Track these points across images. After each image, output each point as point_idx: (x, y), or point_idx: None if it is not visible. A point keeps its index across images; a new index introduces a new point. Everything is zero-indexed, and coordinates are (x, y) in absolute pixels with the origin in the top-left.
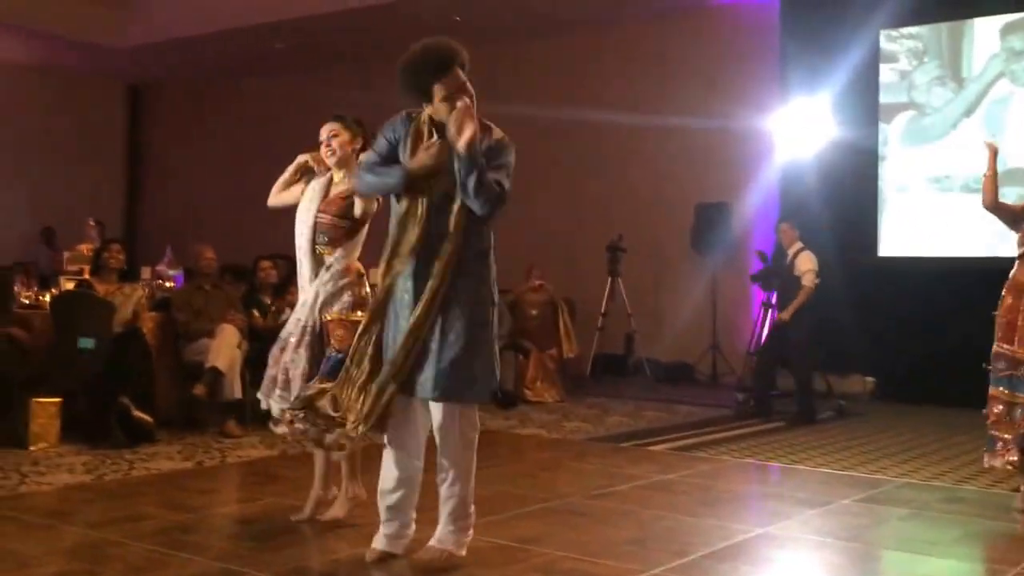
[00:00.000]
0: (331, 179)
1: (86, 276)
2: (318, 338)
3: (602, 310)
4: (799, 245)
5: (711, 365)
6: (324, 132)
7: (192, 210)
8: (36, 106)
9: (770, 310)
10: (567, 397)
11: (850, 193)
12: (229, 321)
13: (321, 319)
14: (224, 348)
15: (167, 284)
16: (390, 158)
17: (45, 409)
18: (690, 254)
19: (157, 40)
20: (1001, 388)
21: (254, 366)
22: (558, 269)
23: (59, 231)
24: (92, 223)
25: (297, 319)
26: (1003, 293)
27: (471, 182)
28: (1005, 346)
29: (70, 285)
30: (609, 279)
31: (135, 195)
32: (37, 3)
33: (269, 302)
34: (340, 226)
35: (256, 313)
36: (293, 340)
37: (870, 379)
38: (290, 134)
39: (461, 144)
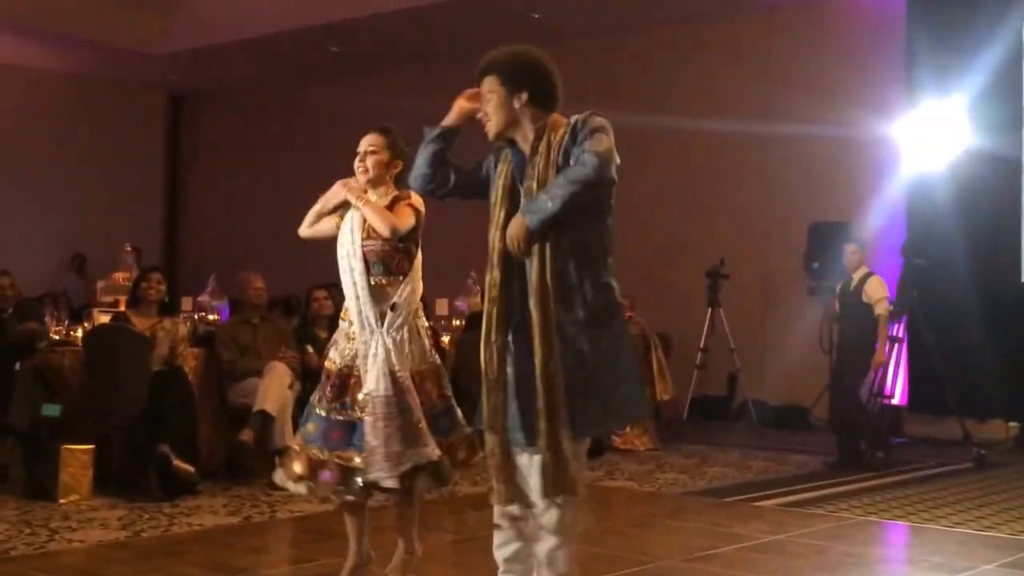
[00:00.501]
0: (367, 202)
1: (122, 308)
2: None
3: (701, 345)
4: (865, 269)
5: (828, 408)
6: (363, 144)
7: (239, 234)
8: (65, 117)
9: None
10: (661, 445)
11: (989, 209)
12: (280, 359)
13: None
14: (274, 389)
15: (210, 317)
16: (475, 170)
17: (76, 457)
18: (803, 280)
19: (200, 45)
20: None
21: None
22: (650, 299)
23: (91, 257)
24: (128, 249)
25: (388, 374)
26: None
27: (566, 208)
28: None
29: (104, 318)
30: (709, 310)
31: (175, 216)
32: (66, 6)
33: (324, 336)
34: (393, 249)
35: (310, 349)
36: (405, 385)
37: (1013, 424)
38: (349, 147)
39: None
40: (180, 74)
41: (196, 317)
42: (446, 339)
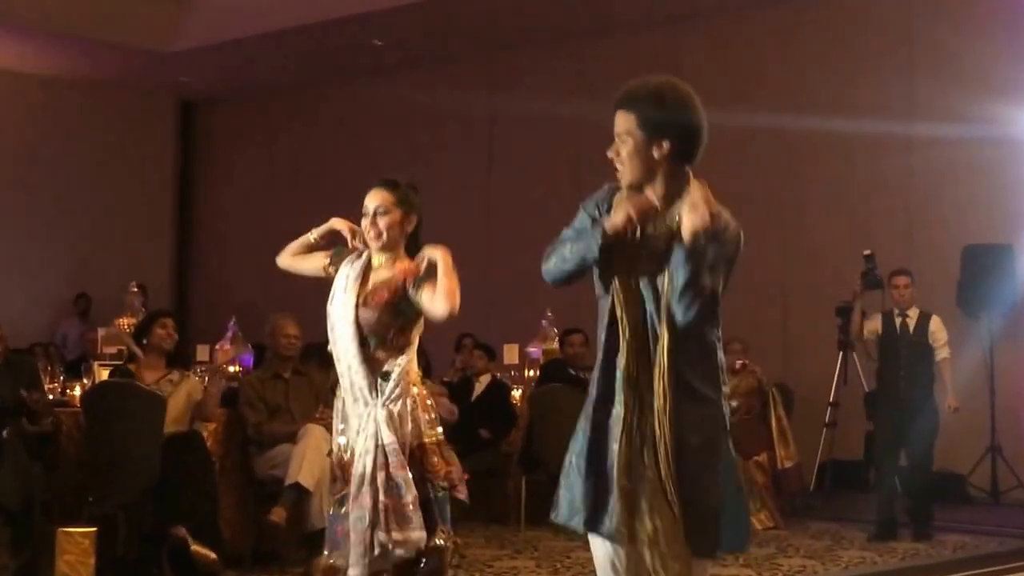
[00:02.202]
0: (369, 262)
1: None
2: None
3: (831, 399)
4: (917, 309)
5: (990, 476)
6: (371, 203)
7: (264, 268)
8: (53, 126)
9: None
10: (783, 522)
11: None
12: (317, 420)
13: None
14: (310, 457)
15: (231, 369)
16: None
17: (75, 542)
18: (957, 317)
19: (217, 41)
20: None
21: None
22: (768, 343)
23: (89, 295)
24: (134, 289)
25: (385, 443)
26: None
27: (682, 277)
28: None
29: (105, 373)
30: (840, 355)
31: (187, 246)
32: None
33: None
34: (392, 325)
35: None
36: (395, 459)
37: None
38: (394, 157)
39: (687, 229)
40: (193, 75)
41: (213, 370)
42: (517, 393)
